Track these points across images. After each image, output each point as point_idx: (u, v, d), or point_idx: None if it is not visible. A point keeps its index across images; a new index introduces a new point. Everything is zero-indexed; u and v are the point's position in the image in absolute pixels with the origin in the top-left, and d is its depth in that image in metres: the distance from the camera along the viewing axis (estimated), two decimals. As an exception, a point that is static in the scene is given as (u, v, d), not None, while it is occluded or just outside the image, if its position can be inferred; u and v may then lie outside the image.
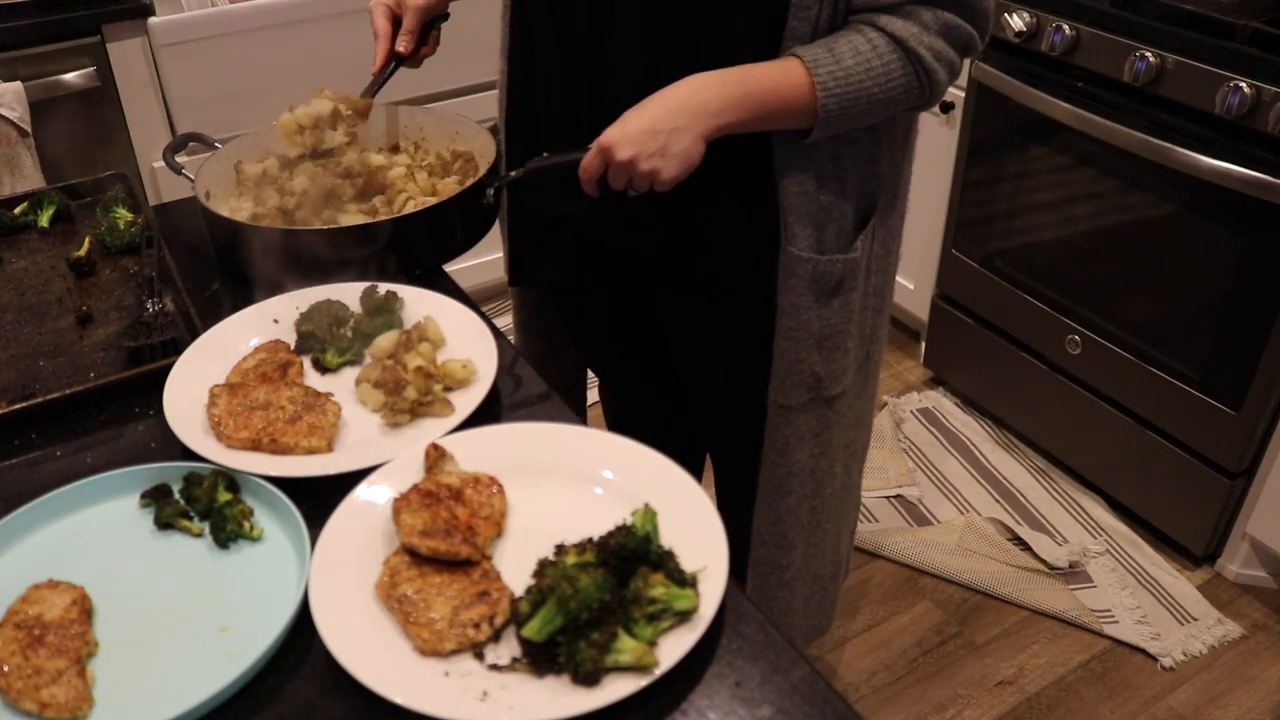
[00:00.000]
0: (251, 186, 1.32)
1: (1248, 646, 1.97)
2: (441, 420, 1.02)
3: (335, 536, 0.88)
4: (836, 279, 1.20)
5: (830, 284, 1.20)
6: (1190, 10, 1.85)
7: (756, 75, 1.05)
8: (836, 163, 1.15)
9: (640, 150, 1.03)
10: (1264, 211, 1.76)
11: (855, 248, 1.21)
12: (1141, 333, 2.06)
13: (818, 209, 1.16)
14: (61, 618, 0.81)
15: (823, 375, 1.26)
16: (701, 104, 1.04)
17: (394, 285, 1.17)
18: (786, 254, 1.18)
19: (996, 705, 1.87)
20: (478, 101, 2.47)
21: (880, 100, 1.07)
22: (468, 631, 0.79)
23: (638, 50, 1.12)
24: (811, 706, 0.76)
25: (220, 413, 1.00)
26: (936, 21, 1.06)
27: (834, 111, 1.06)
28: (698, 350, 1.37)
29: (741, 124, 1.06)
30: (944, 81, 1.10)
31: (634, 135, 1.03)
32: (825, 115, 1.06)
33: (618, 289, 1.40)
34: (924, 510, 2.28)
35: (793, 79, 1.05)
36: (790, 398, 1.27)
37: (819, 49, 1.06)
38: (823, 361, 1.25)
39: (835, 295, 1.22)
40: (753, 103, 1.05)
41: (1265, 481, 1.94)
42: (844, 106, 1.06)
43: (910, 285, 2.64)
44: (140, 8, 2.07)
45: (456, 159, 1.39)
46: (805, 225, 1.16)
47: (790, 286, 1.20)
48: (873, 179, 1.20)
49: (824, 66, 1.05)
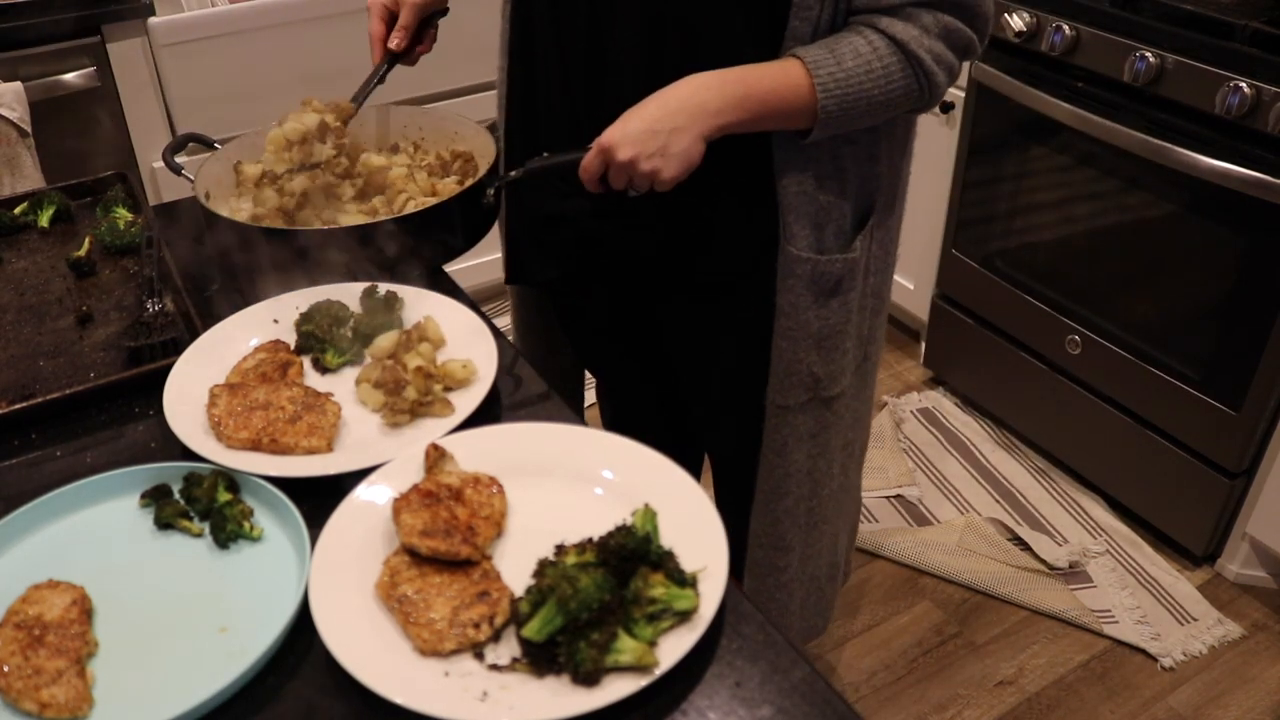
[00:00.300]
0: (251, 187, 1.32)
1: (1248, 646, 1.97)
2: (441, 420, 1.02)
3: (335, 536, 0.88)
4: (835, 279, 1.20)
5: (829, 284, 1.20)
6: (1190, 10, 1.85)
7: (757, 75, 1.06)
8: (836, 163, 1.15)
9: (641, 150, 1.03)
10: (1264, 211, 1.76)
11: (854, 248, 1.21)
12: (1141, 333, 2.06)
13: (817, 209, 1.16)
14: (61, 618, 0.81)
15: (821, 375, 1.26)
16: (701, 104, 1.04)
17: (394, 285, 1.17)
18: (785, 254, 1.18)
19: (996, 705, 1.87)
20: (477, 101, 2.47)
21: (880, 102, 1.08)
22: (468, 631, 0.79)
23: (638, 50, 1.12)
24: (811, 706, 0.76)
25: (220, 413, 1.00)
26: (937, 24, 1.07)
27: (833, 112, 1.06)
28: (696, 350, 1.37)
29: (741, 124, 1.06)
30: (943, 84, 1.10)
31: (634, 135, 1.03)
32: (825, 116, 1.06)
33: (616, 289, 1.40)
34: (924, 510, 2.28)
35: (793, 79, 1.05)
36: (788, 398, 1.27)
37: (819, 50, 1.06)
38: (821, 362, 1.25)
39: (834, 295, 1.22)
40: (752, 103, 1.05)
41: (1265, 481, 1.94)
42: (843, 108, 1.06)
43: (910, 285, 2.64)
44: (140, 8, 2.07)
45: (456, 159, 1.39)
46: (804, 225, 1.16)
47: (789, 286, 1.20)
48: (872, 179, 1.20)
49: (824, 67, 1.05)
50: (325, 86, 1.37)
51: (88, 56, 2.07)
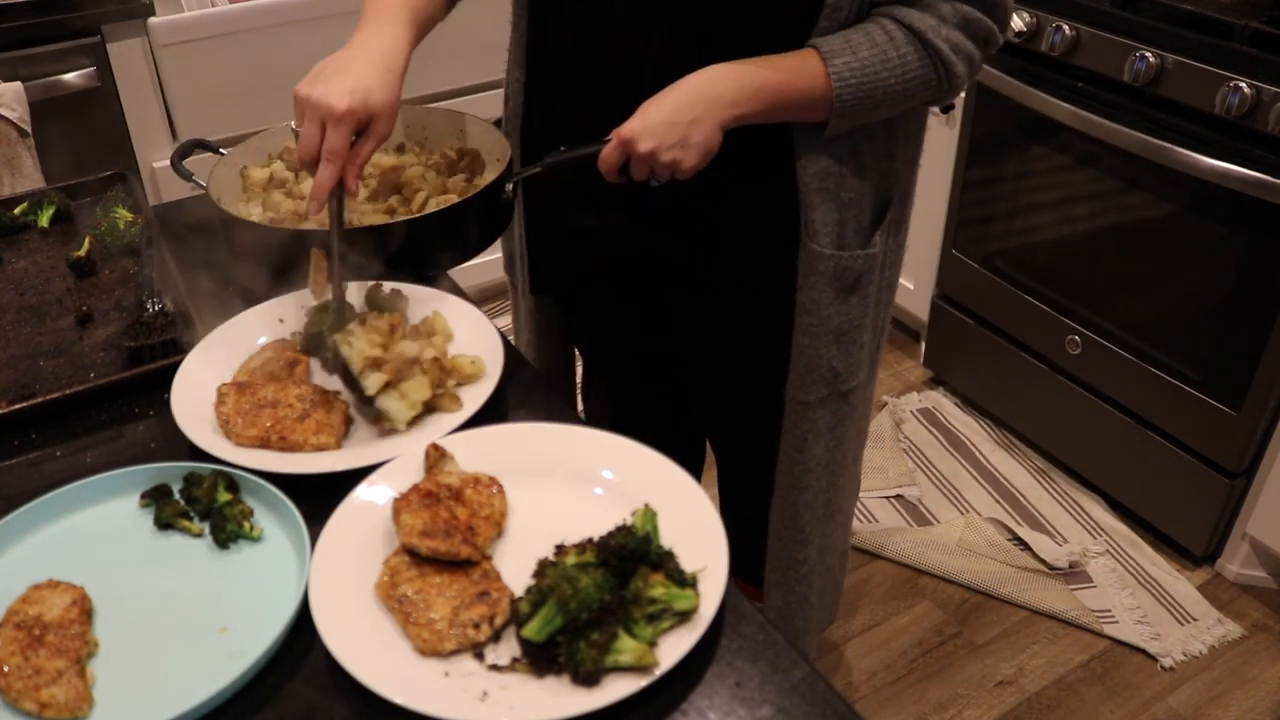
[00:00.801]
0: (259, 191, 1.32)
1: (1248, 646, 1.97)
2: (446, 418, 1.02)
3: (335, 536, 0.88)
4: (856, 275, 1.21)
5: (850, 280, 1.21)
6: (1190, 10, 1.85)
7: (774, 65, 1.06)
8: (856, 159, 1.16)
9: (661, 142, 1.04)
10: (1264, 211, 1.76)
11: (874, 243, 1.21)
12: (1141, 333, 2.06)
13: (838, 205, 1.17)
14: (61, 618, 0.81)
15: (840, 370, 1.27)
16: (717, 95, 1.05)
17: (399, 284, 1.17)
18: (807, 250, 1.18)
19: (996, 705, 1.87)
20: (479, 101, 2.47)
21: (897, 92, 1.08)
22: (468, 632, 0.79)
23: (666, 47, 1.12)
24: (811, 706, 0.76)
25: (229, 411, 1.00)
26: (955, 14, 1.07)
27: (849, 103, 1.07)
28: (712, 350, 1.38)
29: (758, 114, 1.07)
30: (962, 74, 1.10)
31: (655, 128, 1.04)
32: (840, 106, 1.07)
33: (626, 290, 1.40)
34: (924, 510, 2.28)
35: (809, 69, 1.06)
36: (809, 394, 1.28)
37: (836, 40, 1.06)
38: (841, 356, 1.26)
39: (854, 291, 1.22)
40: (768, 93, 1.06)
41: (1265, 481, 1.94)
42: (859, 98, 1.07)
43: (910, 285, 2.64)
44: (140, 8, 2.07)
45: (463, 157, 1.39)
46: (826, 222, 1.17)
47: (811, 283, 1.20)
48: (890, 174, 1.21)
49: (840, 57, 1.05)
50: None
51: (88, 56, 2.07)
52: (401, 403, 1.00)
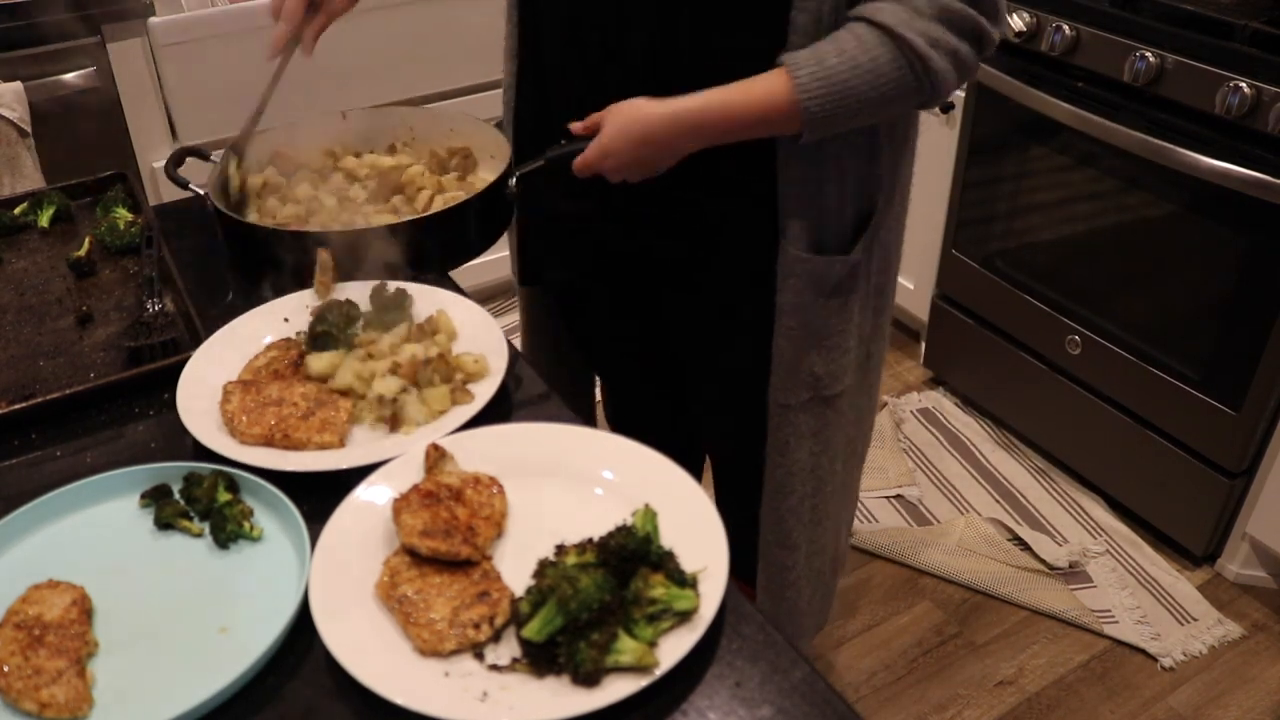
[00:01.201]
0: (254, 197, 1.32)
1: (1248, 646, 1.97)
2: (447, 418, 1.02)
3: (335, 536, 0.88)
4: (836, 280, 1.20)
5: (829, 285, 1.20)
6: (1190, 10, 1.85)
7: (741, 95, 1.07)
8: (836, 164, 1.15)
9: (628, 174, 1.12)
10: (1264, 211, 1.76)
11: (854, 249, 1.21)
12: (1141, 333, 2.06)
13: (816, 210, 1.16)
14: (61, 618, 0.81)
15: (822, 375, 1.26)
16: (677, 149, 1.11)
17: (403, 283, 1.17)
18: (785, 254, 1.18)
19: (996, 705, 1.87)
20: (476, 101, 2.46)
21: (873, 98, 1.04)
22: (468, 632, 0.79)
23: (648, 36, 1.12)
24: (811, 706, 0.76)
25: (234, 409, 1.00)
26: (931, 6, 1.03)
27: (818, 114, 1.04)
28: (702, 349, 1.38)
29: (725, 141, 1.10)
30: (943, 70, 1.05)
31: (620, 166, 1.11)
32: (809, 118, 1.04)
33: (623, 288, 1.41)
34: (924, 510, 2.28)
35: (776, 87, 1.05)
36: (790, 397, 1.27)
37: (804, 53, 1.05)
38: (822, 361, 1.25)
39: (834, 296, 1.22)
40: (733, 123, 1.08)
41: (1265, 481, 1.94)
42: (829, 109, 1.04)
43: (910, 285, 2.64)
44: (140, 8, 2.07)
45: (453, 155, 1.39)
46: (803, 225, 1.17)
47: (789, 286, 1.20)
48: (871, 180, 1.20)
49: (804, 68, 1.03)
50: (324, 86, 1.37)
51: (88, 56, 2.07)
52: (423, 409, 1.02)
